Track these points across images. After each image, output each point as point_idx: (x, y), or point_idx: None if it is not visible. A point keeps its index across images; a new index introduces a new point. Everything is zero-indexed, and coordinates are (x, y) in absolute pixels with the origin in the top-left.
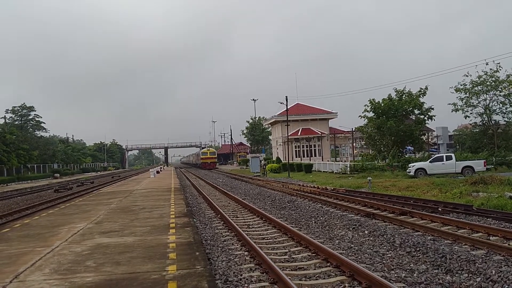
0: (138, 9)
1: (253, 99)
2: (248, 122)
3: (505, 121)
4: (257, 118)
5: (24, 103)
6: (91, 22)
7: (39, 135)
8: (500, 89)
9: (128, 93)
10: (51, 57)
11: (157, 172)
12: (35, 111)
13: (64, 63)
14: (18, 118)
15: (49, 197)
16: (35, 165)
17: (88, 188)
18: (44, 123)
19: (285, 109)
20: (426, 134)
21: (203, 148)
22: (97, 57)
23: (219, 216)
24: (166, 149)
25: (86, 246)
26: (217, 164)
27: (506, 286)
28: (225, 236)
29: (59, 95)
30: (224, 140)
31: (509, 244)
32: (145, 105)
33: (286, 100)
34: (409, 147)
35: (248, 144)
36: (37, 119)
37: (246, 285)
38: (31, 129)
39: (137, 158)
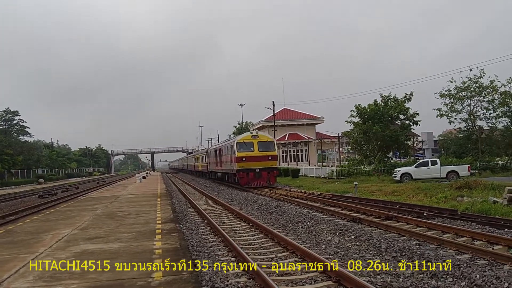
0: (124, 15)
1: (240, 104)
2: (235, 127)
3: (488, 126)
4: (244, 123)
5: (9, 108)
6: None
7: (23, 140)
8: (483, 95)
9: (114, 98)
10: (35, 62)
11: (143, 177)
12: (19, 115)
13: (49, 68)
14: (2, 123)
15: (33, 203)
16: (19, 170)
17: (73, 194)
18: (28, 128)
19: (272, 114)
20: (412, 139)
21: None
22: (83, 62)
23: (205, 221)
24: (152, 154)
25: (71, 253)
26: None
27: None
28: (212, 242)
29: (44, 100)
30: (211, 145)
31: (493, 249)
32: (131, 110)
33: (273, 105)
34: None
35: None
36: (21, 123)
37: None
38: (15, 134)
39: (123, 163)
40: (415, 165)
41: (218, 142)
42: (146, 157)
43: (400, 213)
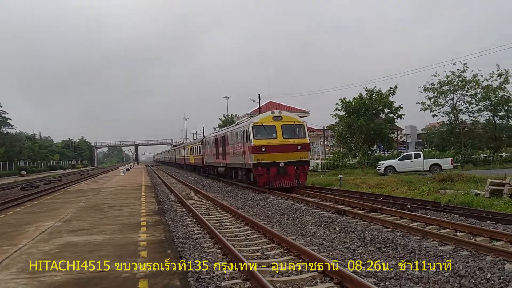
0: (108, 5)
1: (226, 97)
2: (220, 119)
3: (471, 120)
4: (229, 116)
5: None
6: (59, 17)
7: (5, 132)
8: (466, 89)
9: (97, 90)
10: (18, 52)
11: (127, 170)
12: (1, 106)
13: (32, 58)
14: None
15: (15, 195)
16: (1, 162)
17: (56, 186)
18: (10, 119)
19: (258, 106)
20: (396, 133)
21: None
22: (66, 53)
23: (191, 214)
24: (136, 146)
25: (54, 245)
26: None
27: (473, 281)
28: (197, 234)
29: (26, 91)
30: (196, 138)
31: (475, 240)
32: (115, 102)
33: (259, 98)
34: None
35: None
36: (3, 115)
37: (218, 282)
38: None
39: (106, 156)
40: (398, 158)
41: (204, 135)
42: (130, 149)
43: (384, 205)
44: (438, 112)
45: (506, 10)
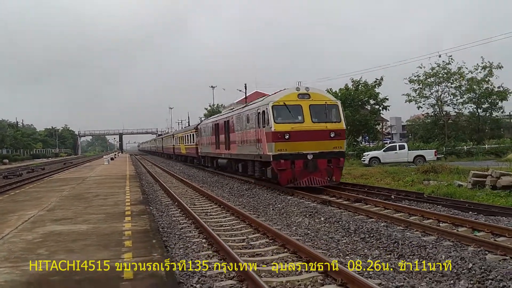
0: None
1: (212, 86)
2: (206, 109)
3: (455, 112)
4: (215, 106)
5: None
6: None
7: None
8: (451, 81)
9: (82, 77)
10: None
11: (112, 159)
12: None
13: (14, 44)
14: None
15: None
16: None
17: (39, 175)
18: None
19: (244, 97)
20: (381, 124)
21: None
22: (49, 40)
23: (176, 203)
24: (120, 135)
25: (37, 234)
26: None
27: (455, 271)
28: (183, 224)
29: (8, 77)
30: (181, 127)
31: (458, 231)
32: (100, 90)
33: (245, 88)
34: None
35: None
36: None
37: (204, 271)
38: None
39: (90, 145)
40: (383, 149)
41: (189, 124)
42: (114, 138)
43: (368, 195)
44: (423, 104)
45: None
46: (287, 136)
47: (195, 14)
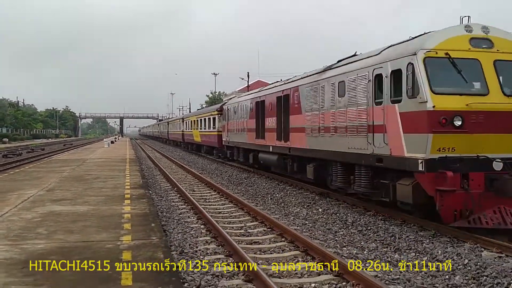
0: None
1: (214, 73)
2: (207, 96)
3: None
4: (217, 93)
5: None
6: None
7: None
8: None
9: (84, 59)
10: (2, 17)
11: (112, 142)
12: None
13: (17, 23)
14: None
15: None
16: None
17: (39, 155)
18: None
19: (246, 85)
20: None
21: None
22: (52, 20)
23: (175, 189)
24: (121, 119)
25: (37, 213)
26: None
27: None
28: (181, 209)
29: (9, 57)
30: (183, 114)
31: (455, 227)
32: (101, 73)
33: (248, 76)
34: None
35: None
36: None
37: (201, 256)
38: None
39: (90, 127)
40: None
41: (190, 110)
42: (115, 122)
43: None
44: None
45: None
46: (459, 123)
47: (199, 2)
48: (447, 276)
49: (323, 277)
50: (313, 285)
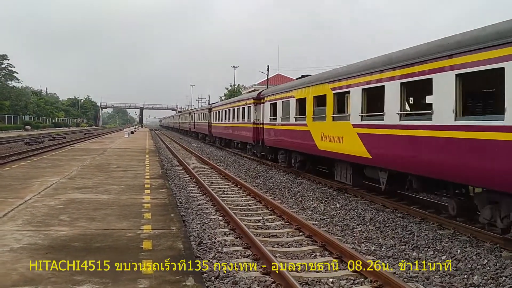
0: None
1: (234, 66)
2: (227, 89)
3: None
4: (236, 86)
5: None
6: None
7: (11, 85)
8: None
9: (106, 50)
10: (27, 8)
11: (132, 132)
12: (8, 60)
13: (42, 13)
14: None
15: (20, 149)
16: (6, 115)
17: (61, 143)
18: (17, 73)
19: (266, 78)
20: None
21: None
22: (76, 10)
23: (194, 180)
24: (141, 109)
25: (59, 201)
26: None
27: (470, 265)
28: (200, 200)
29: (34, 46)
30: (202, 106)
31: (474, 226)
32: (123, 63)
33: (268, 70)
34: None
35: None
36: (10, 68)
37: (220, 248)
38: (3, 79)
39: (111, 117)
40: None
41: (209, 102)
42: (135, 112)
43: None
44: None
45: None
46: None
47: None
48: (465, 276)
49: (341, 273)
50: (330, 279)
